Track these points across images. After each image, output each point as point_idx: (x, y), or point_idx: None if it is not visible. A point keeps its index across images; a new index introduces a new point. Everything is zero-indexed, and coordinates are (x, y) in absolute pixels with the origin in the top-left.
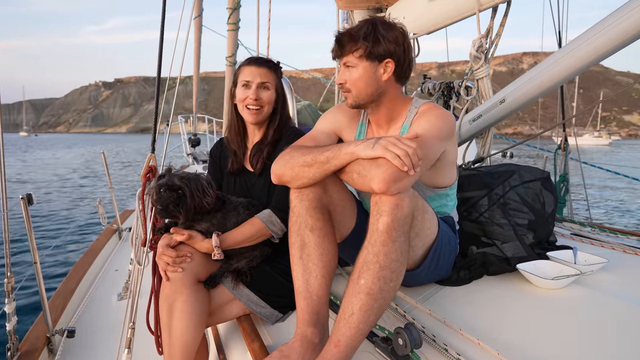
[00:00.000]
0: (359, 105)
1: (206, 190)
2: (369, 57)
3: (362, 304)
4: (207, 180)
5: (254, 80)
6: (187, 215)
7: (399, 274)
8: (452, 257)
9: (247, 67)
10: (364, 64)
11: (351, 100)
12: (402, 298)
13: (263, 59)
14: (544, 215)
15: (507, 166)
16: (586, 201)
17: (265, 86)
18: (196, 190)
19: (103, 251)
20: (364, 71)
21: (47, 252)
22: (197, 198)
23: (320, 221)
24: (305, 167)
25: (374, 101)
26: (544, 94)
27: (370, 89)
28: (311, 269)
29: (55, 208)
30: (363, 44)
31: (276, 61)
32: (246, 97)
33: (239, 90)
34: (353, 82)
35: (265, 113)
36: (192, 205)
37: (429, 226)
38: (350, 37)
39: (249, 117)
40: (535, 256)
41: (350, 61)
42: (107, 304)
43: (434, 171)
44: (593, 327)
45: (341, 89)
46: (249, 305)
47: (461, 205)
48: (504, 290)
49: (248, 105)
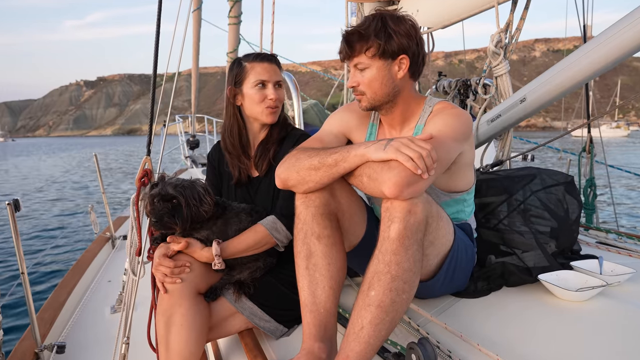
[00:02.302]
0: (374, 108)
1: (203, 198)
2: (383, 55)
3: (373, 317)
4: (203, 186)
5: (271, 79)
6: (184, 225)
7: (412, 285)
8: (469, 267)
9: (259, 64)
10: (377, 63)
11: (366, 103)
12: (415, 311)
13: (269, 55)
14: (567, 222)
15: (528, 170)
16: (612, 206)
17: (279, 84)
18: (192, 198)
19: (95, 261)
20: (378, 71)
21: (35, 262)
22: (193, 207)
23: (327, 229)
24: (312, 170)
25: (389, 101)
26: (568, 92)
27: (386, 88)
28: (318, 280)
29: (43, 215)
30: (375, 42)
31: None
32: (265, 98)
33: (252, 91)
34: (367, 84)
35: (279, 112)
36: (189, 215)
37: (444, 234)
38: (360, 36)
39: (268, 118)
40: (558, 266)
41: (363, 62)
42: (99, 317)
43: (449, 175)
44: (619, 341)
45: (353, 93)
46: (252, 319)
47: (479, 211)
48: (524, 302)
49: (269, 106)
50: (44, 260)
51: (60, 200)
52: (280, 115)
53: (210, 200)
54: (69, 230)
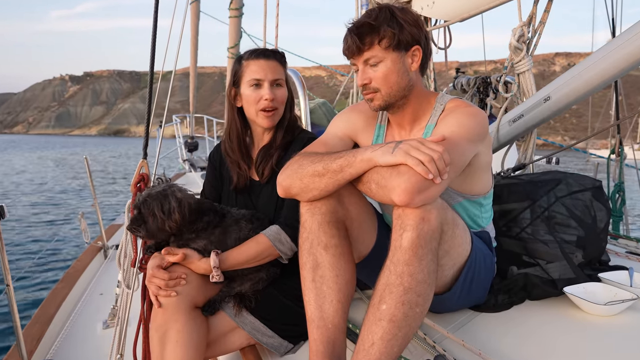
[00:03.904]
0: (388, 106)
1: (172, 213)
2: (398, 46)
3: (384, 333)
4: (179, 199)
5: (266, 77)
6: (152, 237)
7: (426, 298)
8: (489, 279)
9: (254, 61)
10: (391, 55)
11: (379, 102)
12: (430, 326)
13: (270, 50)
14: (595, 231)
15: (553, 174)
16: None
17: (278, 83)
18: (160, 211)
19: (86, 272)
20: (393, 63)
21: (21, 274)
22: (159, 219)
23: (335, 238)
24: (316, 177)
25: (404, 97)
26: (596, 91)
27: (403, 82)
28: (325, 293)
29: (31, 222)
30: (389, 31)
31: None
32: (260, 99)
33: (247, 91)
34: (382, 79)
35: (279, 114)
36: (156, 226)
37: (460, 242)
38: (371, 27)
39: (264, 122)
40: (585, 278)
41: (375, 55)
42: (90, 332)
43: (464, 178)
44: None
45: (363, 92)
46: (254, 334)
47: (500, 219)
48: (548, 317)
49: (263, 108)
50: (30, 272)
51: (48, 206)
52: (285, 117)
53: (178, 217)
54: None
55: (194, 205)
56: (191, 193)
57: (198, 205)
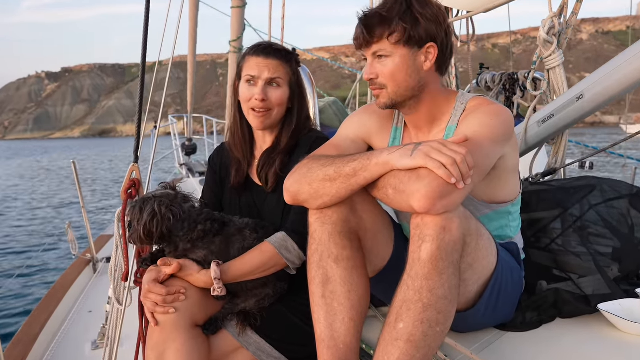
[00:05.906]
0: (395, 105)
1: (149, 221)
2: (408, 42)
3: (401, 354)
4: (165, 204)
5: (261, 75)
6: (138, 241)
7: (447, 316)
8: (516, 295)
9: (252, 57)
10: (401, 51)
11: (385, 99)
12: (452, 347)
13: (273, 46)
14: (632, 242)
15: (586, 180)
16: None
17: (275, 82)
18: (136, 220)
19: (74, 287)
20: (402, 60)
21: (2, 290)
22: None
23: (347, 250)
24: (327, 181)
25: (413, 97)
26: (636, 87)
27: (411, 81)
28: (336, 310)
29: (13, 233)
30: (400, 25)
31: (291, 48)
32: (251, 97)
33: (242, 87)
34: (389, 75)
35: (274, 117)
36: (142, 231)
37: (485, 255)
38: (382, 19)
39: (254, 122)
40: (622, 293)
41: (384, 49)
42: (78, 353)
43: (489, 182)
44: None
45: (370, 87)
46: (259, 355)
47: (528, 228)
48: (581, 337)
49: (253, 107)
50: (12, 287)
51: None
52: (292, 119)
53: (156, 230)
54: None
55: (183, 215)
56: (192, 202)
57: (188, 215)
